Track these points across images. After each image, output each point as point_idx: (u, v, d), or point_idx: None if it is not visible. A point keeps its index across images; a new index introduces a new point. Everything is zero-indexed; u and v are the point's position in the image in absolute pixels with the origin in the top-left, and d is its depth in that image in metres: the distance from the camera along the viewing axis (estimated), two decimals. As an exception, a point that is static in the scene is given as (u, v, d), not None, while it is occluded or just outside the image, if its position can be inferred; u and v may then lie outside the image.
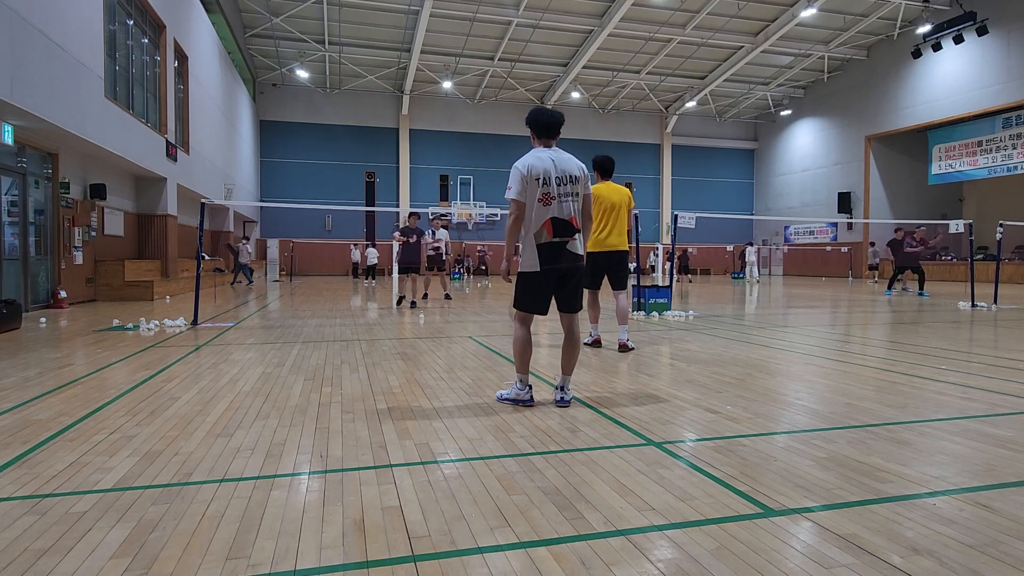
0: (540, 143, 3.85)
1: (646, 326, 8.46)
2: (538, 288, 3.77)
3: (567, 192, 3.72)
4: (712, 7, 23.78)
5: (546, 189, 3.67)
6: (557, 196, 3.69)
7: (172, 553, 1.93)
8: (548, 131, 3.83)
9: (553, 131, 3.84)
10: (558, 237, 3.69)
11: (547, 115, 3.83)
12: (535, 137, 3.87)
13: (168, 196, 15.35)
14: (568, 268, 3.77)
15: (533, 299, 3.79)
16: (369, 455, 2.90)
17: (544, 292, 3.78)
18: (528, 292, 3.78)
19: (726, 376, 4.85)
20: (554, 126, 3.84)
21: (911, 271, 15.41)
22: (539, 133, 3.84)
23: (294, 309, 11.40)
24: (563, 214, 3.71)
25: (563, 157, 3.79)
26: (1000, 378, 4.73)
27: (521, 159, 3.74)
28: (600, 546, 1.98)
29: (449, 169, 32.25)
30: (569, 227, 3.73)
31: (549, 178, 3.68)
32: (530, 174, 3.68)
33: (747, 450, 2.96)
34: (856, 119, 29.30)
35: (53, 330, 7.88)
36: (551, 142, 3.85)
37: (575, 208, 3.76)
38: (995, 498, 2.37)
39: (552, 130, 3.84)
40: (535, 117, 3.83)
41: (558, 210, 3.69)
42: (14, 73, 8.16)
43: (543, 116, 3.82)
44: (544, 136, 3.83)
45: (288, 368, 5.20)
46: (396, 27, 25.50)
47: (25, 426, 3.38)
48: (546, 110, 3.87)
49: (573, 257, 3.75)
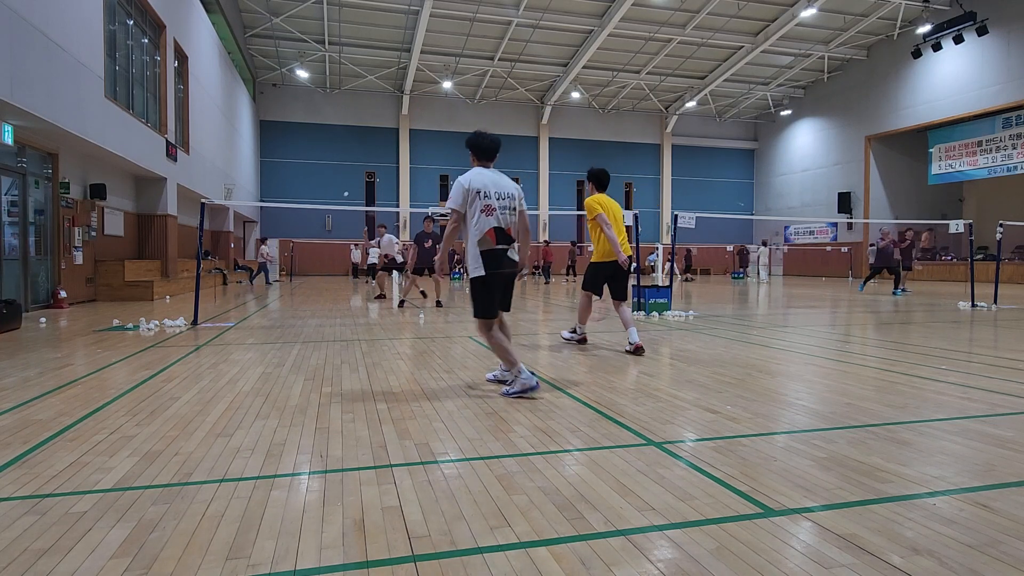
0: (480, 163, 4.36)
1: (646, 326, 8.45)
2: (489, 292, 4.26)
3: (505, 206, 4.24)
4: (712, 7, 23.78)
5: (488, 201, 4.18)
6: (497, 208, 4.20)
7: (172, 553, 1.93)
8: (487, 154, 4.37)
9: (492, 154, 4.38)
10: (500, 244, 4.21)
11: (487, 140, 4.35)
12: (475, 158, 4.37)
13: (168, 196, 15.35)
14: (510, 273, 4.31)
15: (488, 303, 4.28)
16: (369, 455, 2.90)
17: (494, 294, 4.28)
18: (481, 297, 4.26)
19: (726, 376, 4.85)
20: (492, 150, 4.37)
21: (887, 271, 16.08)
22: (479, 155, 4.36)
23: (294, 309, 11.40)
24: (503, 224, 4.22)
25: (501, 177, 4.35)
26: (1000, 378, 4.73)
27: (464, 175, 4.24)
28: (600, 546, 1.98)
29: (449, 169, 32.24)
30: (508, 236, 4.26)
31: (490, 192, 4.20)
32: (471, 187, 4.18)
33: (747, 450, 2.96)
34: (856, 119, 29.30)
35: (53, 330, 7.88)
36: (489, 163, 4.38)
37: (512, 221, 4.28)
38: (995, 498, 2.37)
39: (491, 153, 4.37)
40: (476, 142, 4.34)
41: (498, 221, 4.20)
42: (14, 73, 8.16)
43: (483, 141, 4.34)
44: (483, 158, 4.37)
45: (288, 368, 5.20)
46: (396, 27, 25.50)
47: (25, 426, 3.38)
48: (486, 135, 4.37)
49: (512, 263, 4.29)
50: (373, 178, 31.36)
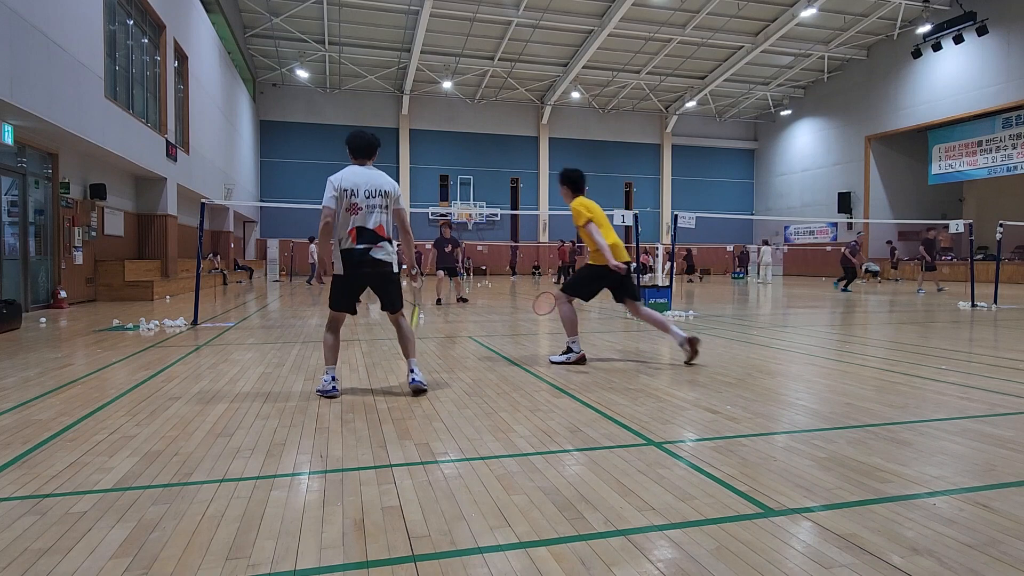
0: (356, 161, 4.29)
1: (646, 326, 8.45)
2: (342, 289, 4.21)
3: (375, 205, 4.13)
4: (712, 7, 23.78)
5: (353, 200, 4.09)
6: (365, 207, 4.10)
7: (172, 553, 1.93)
8: (362, 152, 4.29)
9: (367, 152, 4.30)
10: (361, 244, 4.10)
11: (362, 138, 4.30)
12: (352, 156, 4.31)
13: (168, 196, 15.35)
14: (369, 273, 4.16)
15: (339, 298, 4.23)
16: (369, 455, 2.90)
17: (347, 292, 4.22)
18: (336, 292, 4.24)
19: (726, 376, 4.85)
20: (366, 148, 4.29)
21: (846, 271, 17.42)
22: (355, 153, 4.29)
23: (294, 309, 11.40)
24: (369, 223, 4.11)
25: (375, 174, 4.22)
26: (1000, 378, 4.73)
27: (335, 173, 4.16)
28: (600, 546, 1.98)
29: (449, 169, 32.25)
30: (374, 236, 4.12)
31: (358, 191, 4.10)
32: (340, 185, 4.10)
33: (747, 450, 2.96)
34: (856, 119, 29.30)
35: (53, 330, 7.88)
36: (366, 161, 4.30)
37: (383, 220, 4.16)
38: (995, 498, 2.37)
39: (364, 151, 4.29)
40: (351, 140, 4.30)
41: (363, 220, 4.10)
42: (14, 73, 8.16)
43: (358, 139, 4.29)
44: (359, 156, 4.29)
45: (288, 368, 5.20)
46: (396, 27, 25.50)
47: (25, 426, 3.38)
48: (363, 134, 4.32)
49: (375, 263, 4.13)
50: (373, 178, 31.32)
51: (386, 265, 4.16)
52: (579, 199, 5.70)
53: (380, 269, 4.16)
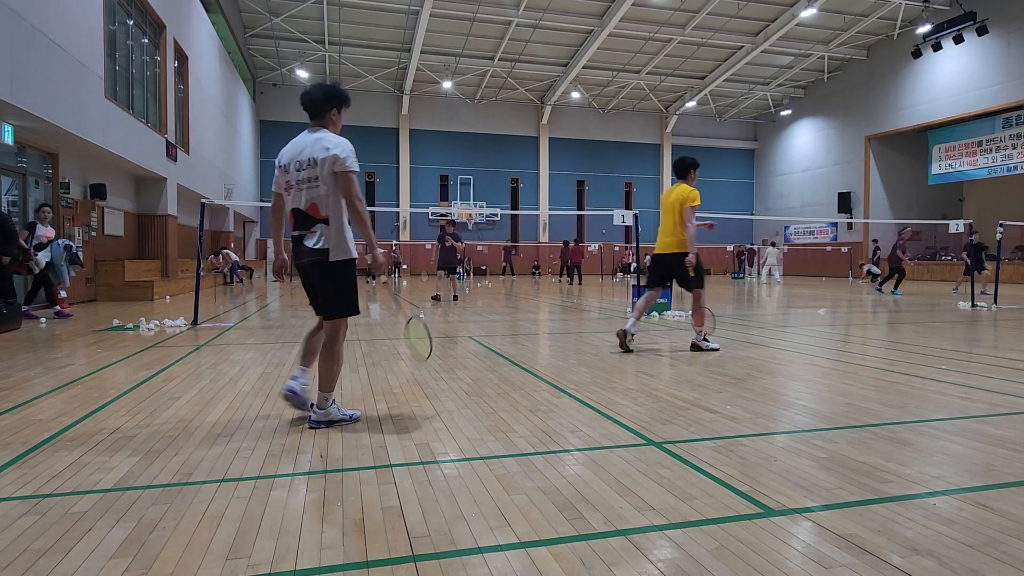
0: (309, 126, 3.44)
1: (646, 326, 8.45)
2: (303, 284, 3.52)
3: (305, 178, 3.28)
4: (712, 7, 23.78)
5: (287, 177, 3.36)
6: (296, 184, 3.32)
7: (172, 553, 1.93)
8: (308, 112, 3.42)
9: (314, 110, 3.39)
10: (296, 230, 3.36)
11: (304, 95, 3.41)
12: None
13: (168, 196, 15.35)
14: (303, 265, 3.38)
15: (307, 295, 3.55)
16: (369, 455, 2.89)
17: (304, 288, 3.52)
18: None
19: (726, 376, 4.84)
20: (311, 104, 3.38)
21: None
22: (308, 115, 3.44)
23: (294, 309, 11.40)
24: (301, 203, 3.31)
25: (310, 139, 3.32)
26: (1000, 378, 4.73)
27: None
28: (600, 546, 1.98)
29: (449, 169, 32.25)
30: (307, 218, 3.29)
31: (289, 166, 3.35)
32: (278, 163, 3.44)
33: (747, 450, 2.96)
34: (856, 119, 29.30)
35: (53, 330, 7.88)
36: (316, 124, 3.41)
37: (317, 195, 3.26)
38: (995, 498, 2.36)
39: (312, 109, 3.40)
40: (301, 98, 3.43)
41: (296, 199, 3.33)
42: (14, 73, 8.16)
43: (302, 97, 3.42)
44: (311, 118, 3.42)
45: (288, 368, 5.20)
46: (396, 27, 25.50)
47: (25, 426, 3.38)
48: (309, 89, 3.42)
49: (308, 252, 3.30)
50: (373, 178, 31.36)
51: (317, 253, 3.27)
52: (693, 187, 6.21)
53: (312, 259, 3.30)
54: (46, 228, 9.31)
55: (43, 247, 9.12)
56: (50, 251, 9.17)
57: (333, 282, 3.32)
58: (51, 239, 9.28)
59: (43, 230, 9.23)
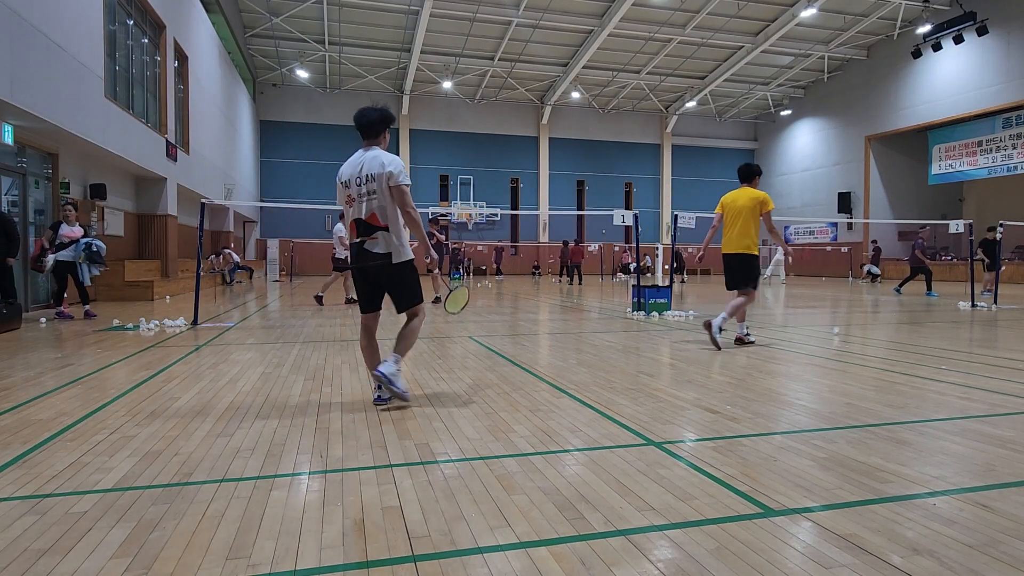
0: (364, 145, 3.88)
1: (646, 326, 8.45)
2: (358, 286, 3.95)
3: (366, 191, 3.75)
4: (712, 7, 23.78)
5: (348, 192, 3.81)
6: (357, 197, 3.78)
7: (172, 553, 1.93)
8: (365, 132, 3.86)
9: (369, 131, 3.84)
10: (359, 237, 3.80)
11: (361, 117, 3.83)
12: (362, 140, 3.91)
13: (168, 196, 15.35)
14: (367, 268, 3.80)
15: (358, 296, 3.98)
16: (369, 455, 2.89)
17: (360, 291, 3.94)
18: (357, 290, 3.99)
19: (726, 376, 4.85)
20: (367, 126, 3.83)
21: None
22: (361, 135, 3.89)
23: (294, 309, 11.40)
24: (362, 214, 3.76)
25: (368, 157, 3.78)
26: (1000, 378, 4.73)
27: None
28: (600, 546, 1.98)
29: (449, 169, 32.25)
30: (368, 227, 3.76)
31: (350, 181, 3.79)
32: (340, 180, 3.87)
33: (747, 450, 2.96)
34: (856, 119, 29.30)
35: (53, 330, 7.88)
36: (371, 142, 3.86)
37: (378, 206, 3.74)
38: (995, 498, 2.36)
39: (367, 130, 3.84)
40: (355, 119, 3.85)
41: (358, 211, 3.78)
42: (14, 73, 8.16)
43: (358, 118, 3.83)
44: (365, 138, 3.88)
45: (288, 368, 5.20)
46: (396, 27, 25.50)
47: (25, 426, 3.38)
48: (363, 111, 3.85)
49: (370, 256, 3.76)
50: (373, 178, 31.30)
51: (382, 257, 3.74)
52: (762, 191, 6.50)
53: (377, 263, 3.75)
54: (72, 227, 9.15)
55: (65, 246, 9.03)
56: (72, 250, 9.06)
57: (401, 281, 3.85)
58: (75, 238, 9.10)
59: (67, 229, 9.07)
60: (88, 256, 9.16)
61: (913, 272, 15.20)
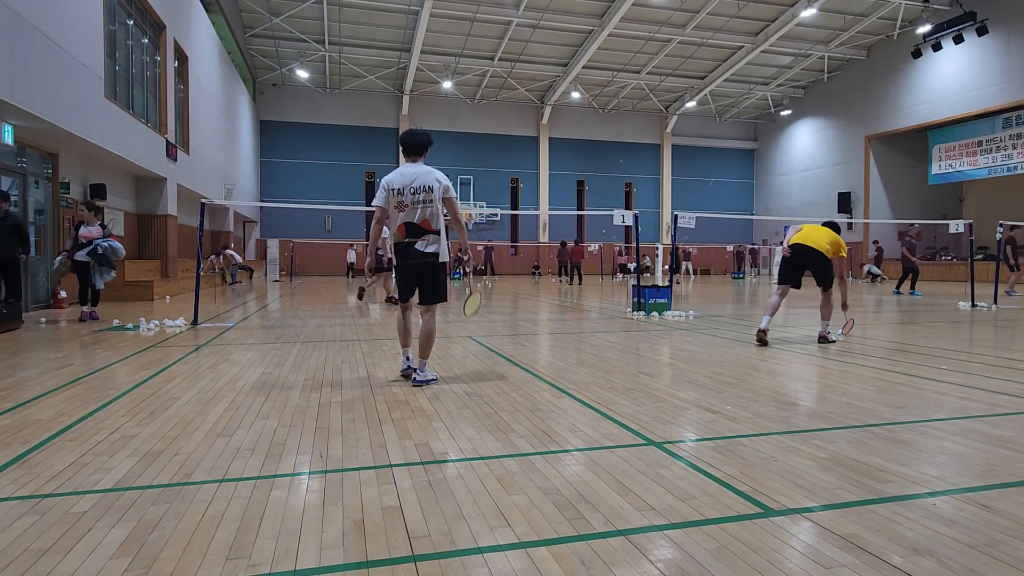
0: (408, 159, 4.57)
1: (646, 326, 8.46)
2: (398, 279, 4.62)
3: (420, 200, 4.39)
4: (712, 7, 23.79)
5: (400, 198, 4.41)
6: (410, 203, 4.40)
7: (172, 553, 1.93)
8: (412, 150, 4.55)
9: (416, 149, 4.55)
10: (408, 238, 4.44)
11: (413, 136, 4.54)
12: (404, 154, 4.58)
13: (168, 196, 15.35)
14: (414, 265, 4.47)
15: (400, 288, 4.66)
16: (369, 455, 2.89)
17: (401, 283, 4.60)
18: (397, 282, 4.66)
19: (726, 376, 4.85)
20: (416, 146, 4.54)
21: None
22: (406, 151, 4.57)
23: (294, 309, 11.40)
24: (415, 218, 4.41)
25: (422, 171, 4.46)
26: (1000, 378, 4.73)
27: (388, 174, 4.55)
28: (600, 546, 1.98)
29: (449, 169, 32.20)
30: (419, 230, 4.43)
31: (404, 189, 4.41)
32: (389, 186, 4.46)
33: (747, 450, 2.96)
34: (856, 119, 29.30)
35: (53, 330, 7.88)
36: (416, 158, 4.56)
37: (429, 214, 4.41)
38: (995, 498, 2.36)
39: (415, 149, 4.55)
40: (403, 138, 4.56)
41: (410, 215, 4.40)
42: (14, 73, 8.16)
43: (408, 137, 4.55)
44: (410, 153, 4.57)
45: (288, 368, 5.20)
46: (396, 27, 25.51)
47: (25, 426, 3.38)
48: (415, 133, 4.57)
49: (420, 255, 4.44)
50: (373, 178, 31.37)
51: (430, 256, 4.43)
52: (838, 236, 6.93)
53: (425, 260, 4.44)
54: (90, 228, 8.94)
55: (83, 247, 8.87)
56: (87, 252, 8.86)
57: (439, 278, 4.55)
58: (92, 238, 8.90)
59: (85, 230, 8.89)
60: (95, 258, 8.96)
61: (905, 272, 15.40)
